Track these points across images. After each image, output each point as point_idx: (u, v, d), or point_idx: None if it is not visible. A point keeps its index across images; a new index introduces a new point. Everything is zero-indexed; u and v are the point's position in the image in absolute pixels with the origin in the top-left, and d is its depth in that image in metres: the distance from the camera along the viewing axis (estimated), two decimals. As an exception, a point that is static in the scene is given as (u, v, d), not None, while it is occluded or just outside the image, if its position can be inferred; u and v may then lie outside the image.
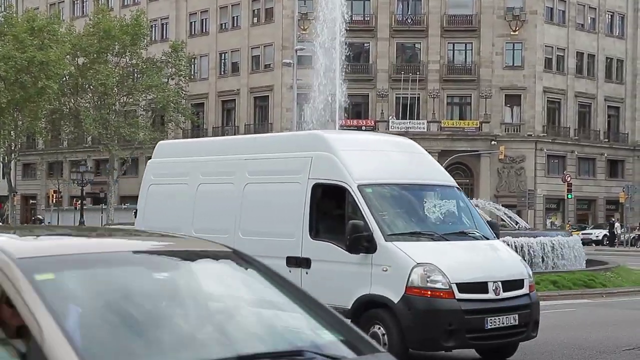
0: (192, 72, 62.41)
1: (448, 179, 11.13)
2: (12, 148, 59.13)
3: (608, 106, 64.41)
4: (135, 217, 13.24)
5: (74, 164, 59.19)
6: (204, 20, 65.34)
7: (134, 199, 68.99)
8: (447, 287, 9.15)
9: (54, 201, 60.37)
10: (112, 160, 57.15)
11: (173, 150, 13.61)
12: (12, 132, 55.95)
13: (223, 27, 64.25)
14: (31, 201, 75.13)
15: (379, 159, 10.65)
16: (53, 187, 63.17)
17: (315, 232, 10.20)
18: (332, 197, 10.31)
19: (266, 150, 11.50)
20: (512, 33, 58.81)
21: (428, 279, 9.17)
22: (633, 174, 63.77)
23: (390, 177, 10.49)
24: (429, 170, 11.08)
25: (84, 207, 52.54)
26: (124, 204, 61.31)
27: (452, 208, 10.85)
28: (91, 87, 54.87)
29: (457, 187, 11.22)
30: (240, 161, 11.50)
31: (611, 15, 64.68)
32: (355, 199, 9.81)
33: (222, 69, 64.62)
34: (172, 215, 12.13)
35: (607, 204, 63.56)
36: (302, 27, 54.39)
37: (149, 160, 13.68)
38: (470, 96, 59.33)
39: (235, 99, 63.12)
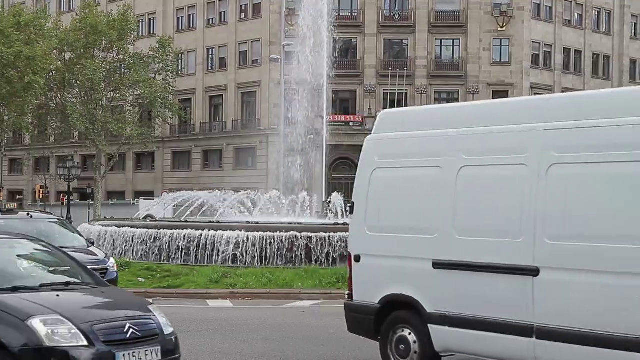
0: (180, 68, 62.26)
1: None
2: (-1, 143, 58.88)
3: (595, 102, 64.61)
4: (352, 212, 10.10)
5: (61, 160, 58.87)
6: (192, 15, 65.20)
7: (121, 194, 68.73)
8: None
9: (41, 196, 60.14)
10: (99, 156, 56.97)
11: (411, 121, 9.91)
12: (-2, 127, 55.71)
13: (210, 23, 64.11)
14: (18, 197, 74.78)
15: None
16: (40, 183, 62.91)
17: None
18: None
19: (585, 114, 8.00)
20: (499, 29, 59.00)
21: None
22: (619, 170, 64.09)
23: None
24: None
25: (71, 203, 52.28)
26: (111, 200, 61.21)
27: None
28: (78, 82, 54.64)
29: None
30: (535, 132, 8.27)
31: (598, 12, 64.96)
32: None
33: (210, 65, 64.49)
34: (416, 211, 9.25)
35: (593, 199, 63.88)
36: (289, 22, 54.28)
37: (369, 137, 10.22)
38: (458, 92, 59.49)
39: (222, 95, 63.02)
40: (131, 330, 7.57)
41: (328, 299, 17.99)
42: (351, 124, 57.65)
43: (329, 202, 30.97)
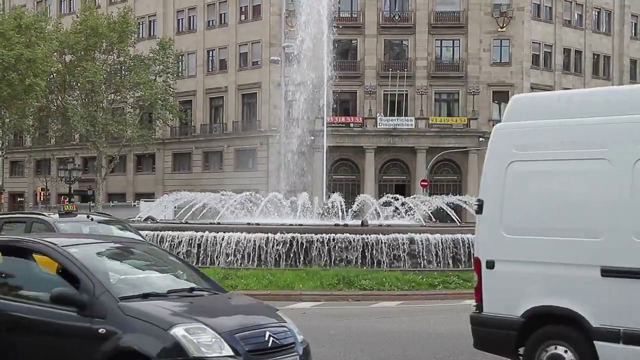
0: (180, 70, 62.30)
1: None
2: (0, 146, 58.91)
3: (595, 102, 64.59)
4: (480, 212, 8.85)
5: (62, 162, 58.91)
6: (192, 17, 65.23)
7: (121, 196, 68.58)
8: None
9: (42, 199, 60.23)
10: (99, 158, 57.01)
11: (558, 107, 8.54)
12: (-1, 129, 55.78)
13: (210, 24, 64.14)
14: (19, 199, 74.85)
15: None
16: (41, 185, 62.99)
17: None
18: None
19: None
20: (499, 29, 59.01)
21: None
22: (620, 170, 64.09)
23: None
24: None
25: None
26: (112, 201, 61.24)
27: None
28: (78, 84, 54.70)
29: None
30: None
31: (598, 12, 64.95)
32: None
33: (210, 66, 64.51)
34: (573, 210, 8.10)
35: (594, 199, 63.85)
36: (289, 24, 54.25)
37: (499, 126, 8.98)
38: (458, 93, 59.49)
39: (223, 96, 63.04)
40: (271, 338, 7.13)
41: (329, 300, 18.01)
42: (351, 125, 57.65)
43: (330, 203, 30.99)
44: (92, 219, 15.05)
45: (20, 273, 8.02)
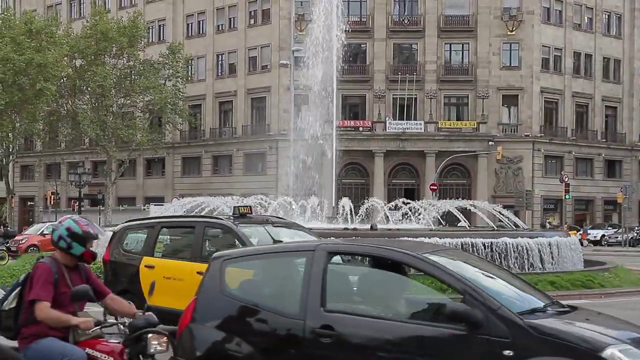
0: (189, 74, 62.40)
1: None
2: (10, 150, 59.17)
3: (605, 106, 64.44)
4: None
5: (72, 166, 59.14)
6: (201, 21, 65.35)
7: (131, 200, 69.00)
8: None
9: (52, 203, 60.36)
10: (109, 162, 57.15)
11: None
12: (10, 134, 55.99)
13: (220, 29, 64.25)
14: (29, 203, 75.10)
15: None
16: (51, 189, 63.14)
17: None
18: None
19: None
20: (509, 33, 58.88)
21: None
22: (631, 174, 63.83)
23: None
24: None
25: (82, 209, 52.52)
26: (122, 205, 61.36)
27: None
28: (89, 88, 54.88)
29: None
30: None
31: (608, 15, 64.72)
32: None
33: (219, 70, 64.61)
34: None
35: (604, 204, 63.62)
36: (298, 28, 54.37)
37: None
38: (468, 97, 59.38)
39: (232, 100, 63.12)
40: None
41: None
42: (361, 129, 57.63)
43: (340, 207, 30.95)
44: (271, 223, 13.29)
45: (384, 285, 7.03)
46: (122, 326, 6.11)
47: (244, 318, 6.78)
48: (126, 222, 14.77)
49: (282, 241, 11.84)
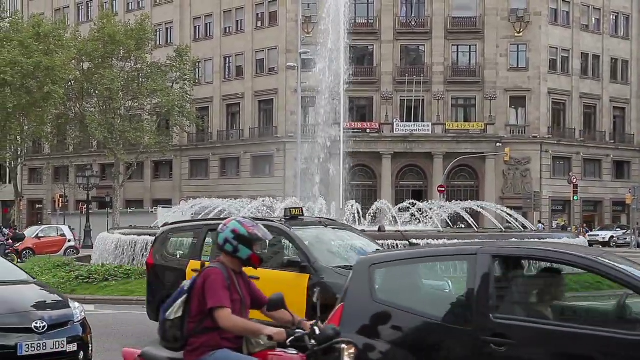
0: (197, 76, 62.52)
1: None
2: (19, 153, 59.34)
3: (613, 107, 64.30)
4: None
5: (80, 169, 59.28)
6: (208, 24, 65.46)
7: (139, 203, 69.01)
8: None
9: (60, 206, 60.52)
10: (117, 165, 57.27)
11: None
12: (18, 137, 56.18)
13: (227, 31, 64.34)
14: (37, 206, 75.33)
15: None
16: (59, 192, 63.32)
17: None
18: None
19: None
20: (516, 34, 58.80)
21: None
22: (639, 175, 63.65)
23: None
24: None
25: (90, 212, 52.65)
26: (130, 208, 61.46)
27: None
28: (96, 91, 55.01)
29: None
30: None
31: (616, 16, 64.57)
32: None
33: (227, 73, 64.71)
34: None
35: (613, 205, 63.45)
36: (306, 30, 54.43)
37: None
38: (475, 98, 59.32)
39: (239, 103, 63.20)
40: None
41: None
42: (368, 131, 57.64)
43: (347, 209, 30.93)
44: (325, 225, 12.55)
45: (556, 290, 6.64)
46: (307, 337, 5.57)
47: (398, 325, 6.44)
48: (169, 224, 14.38)
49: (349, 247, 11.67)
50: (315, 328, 5.56)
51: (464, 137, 57.32)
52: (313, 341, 5.49)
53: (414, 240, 11.36)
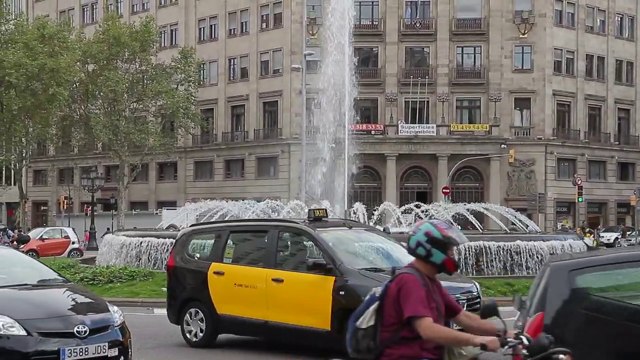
0: (202, 78, 62.56)
1: None
2: (23, 155, 59.43)
3: (618, 108, 64.20)
4: None
5: (85, 170, 59.32)
6: (213, 26, 65.48)
7: (144, 204, 69.00)
8: None
9: (65, 207, 60.59)
10: (122, 166, 57.34)
11: None
12: (23, 138, 56.28)
13: (232, 33, 64.38)
14: (42, 207, 75.43)
15: None
16: (64, 194, 63.39)
17: None
18: None
19: None
20: (521, 36, 58.73)
21: None
22: (644, 177, 63.55)
23: None
24: None
25: (95, 213, 52.71)
26: (134, 210, 61.55)
27: None
28: (101, 93, 55.11)
29: None
30: None
31: (620, 17, 64.49)
32: None
33: (231, 75, 64.74)
34: None
35: (618, 207, 63.33)
36: (310, 32, 54.46)
37: None
38: (480, 100, 59.26)
39: (244, 104, 63.21)
40: None
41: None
42: (373, 132, 57.59)
43: (352, 211, 30.93)
44: (350, 227, 12.48)
45: None
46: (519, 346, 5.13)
47: (612, 333, 6.10)
48: (190, 226, 14.19)
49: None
50: (523, 337, 5.14)
51: (468, 138, 57.26)
52: (525, 351, 5.10)
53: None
